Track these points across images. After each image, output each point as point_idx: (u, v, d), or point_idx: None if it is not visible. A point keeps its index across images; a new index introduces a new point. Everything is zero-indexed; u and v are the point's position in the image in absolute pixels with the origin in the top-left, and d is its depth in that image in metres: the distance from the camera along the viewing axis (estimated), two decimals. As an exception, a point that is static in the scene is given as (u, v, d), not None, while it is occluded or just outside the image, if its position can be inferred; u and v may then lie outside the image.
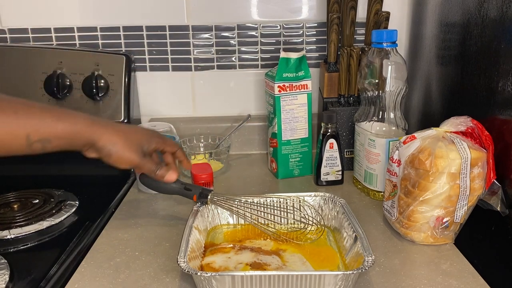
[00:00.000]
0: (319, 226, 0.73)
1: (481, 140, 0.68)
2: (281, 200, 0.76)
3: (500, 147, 0.67)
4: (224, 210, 0.76)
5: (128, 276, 0.66)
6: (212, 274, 0.56)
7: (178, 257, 0.59)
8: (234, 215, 0.77)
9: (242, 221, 0.77)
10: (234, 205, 0.75)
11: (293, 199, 0.76)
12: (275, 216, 0.76)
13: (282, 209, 0.77)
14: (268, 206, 0.76)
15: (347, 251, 0.66)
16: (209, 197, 0.74)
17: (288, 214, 0.76)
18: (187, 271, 0.57)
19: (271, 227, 0.75)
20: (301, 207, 0.76)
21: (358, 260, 0.61)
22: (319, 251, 0.69)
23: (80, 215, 0.84)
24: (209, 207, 0.76)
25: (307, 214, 0.74)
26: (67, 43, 1.11)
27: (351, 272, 0.56)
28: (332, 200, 0.76)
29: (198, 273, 0.56)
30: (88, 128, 0.65)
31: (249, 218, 0.75)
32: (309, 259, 0.66)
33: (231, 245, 0.69)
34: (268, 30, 1.11)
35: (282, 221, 0.76)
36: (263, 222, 0.75)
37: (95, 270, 0.67)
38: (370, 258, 0.59)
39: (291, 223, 0.76)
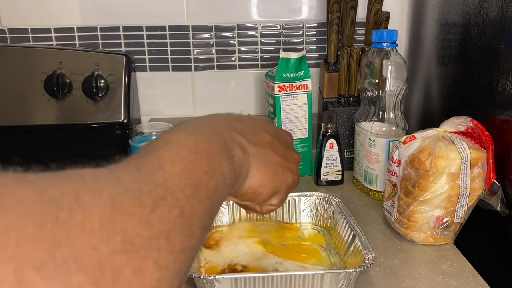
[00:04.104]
0: None
1: (481, 140, 0.68)
2: None
3: (500, 147, 0.67)
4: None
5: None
6: (215, 277, 0.56)
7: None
8: (229, 215, 0.77)
9: (237, 221, 0.77)
10: None
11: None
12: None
13: None
14: None
15: (345, 251, 0.66)
16: None
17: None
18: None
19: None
20: None
21: (357, 258, 0.61)
22: (304, 249, 0.70)
23: (80, 215, 0.83)
24: None
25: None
26: (67, 43, 1.11)
27: (353, 270, 0.56)
28: (327, 200, 0.75)
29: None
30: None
31: None
32: (291, 258, 0.67)
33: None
34: (268, 30, 1.11)
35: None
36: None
37: (96, 271, 0.67)
38: (370, 255, 0.59)
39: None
